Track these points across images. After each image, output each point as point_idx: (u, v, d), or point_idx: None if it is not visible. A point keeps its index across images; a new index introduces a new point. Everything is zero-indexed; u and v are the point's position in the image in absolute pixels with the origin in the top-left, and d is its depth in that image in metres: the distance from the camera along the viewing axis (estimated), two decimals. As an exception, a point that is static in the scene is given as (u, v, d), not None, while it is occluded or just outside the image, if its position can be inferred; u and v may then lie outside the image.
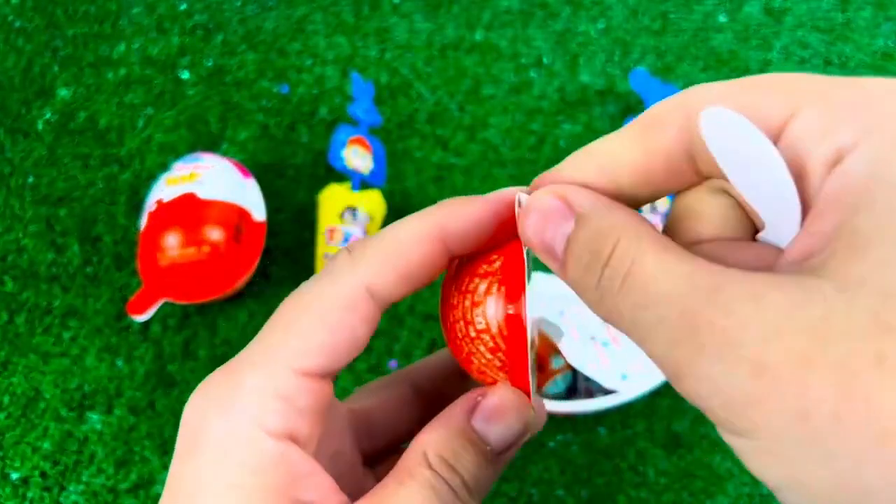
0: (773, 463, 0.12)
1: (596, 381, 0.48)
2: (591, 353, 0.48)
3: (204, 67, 0.65)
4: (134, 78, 0.65)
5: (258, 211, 0.54)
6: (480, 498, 0.19)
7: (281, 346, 0.17)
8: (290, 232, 0.59)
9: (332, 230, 0.55)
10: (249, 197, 0.54)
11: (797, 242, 0.14)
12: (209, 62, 0.66)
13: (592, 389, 0.49)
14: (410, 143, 0.62)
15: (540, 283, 0.45)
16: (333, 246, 0.54)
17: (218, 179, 0.53)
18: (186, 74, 0.65)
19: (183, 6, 0.68)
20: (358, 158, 0.56)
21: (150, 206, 0.53)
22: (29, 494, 0.50)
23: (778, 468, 0.12)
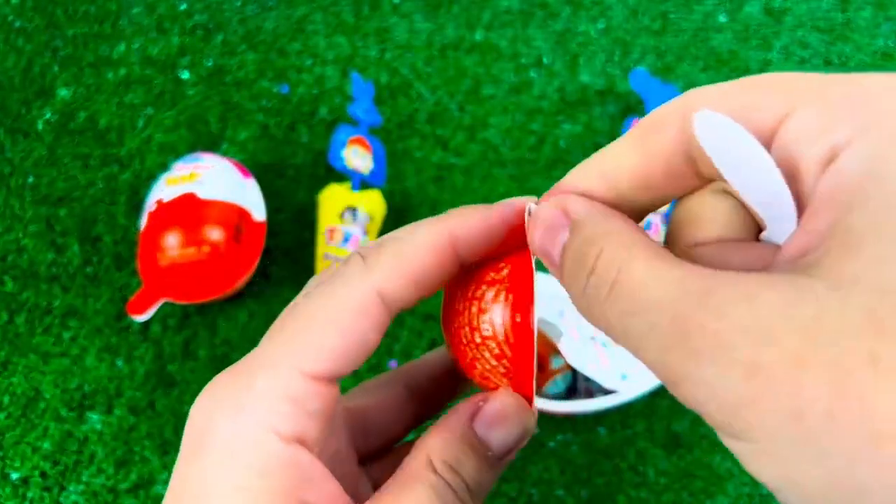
0: (769, 464, 0.12)
1: (596, 381, 0.48)
2: (590, 353, 0.48)
3: (204, 67, 0.65)
4: (134, 78, 0.65)
5: (258, 211, 0.54)
6: (481, 500, 0.19)
7: (292, 349, 0.17)
8: (290, 232, 0.59)
9: (332, 230, 0.55)
10: (249, 197, 0.54)
11: (793, 241, 0.14)
12: (209, 62, 0.66)
13: (592, 389, 0.49)
14: (410, 143, 0.62)
15: (540, 283, 0.45)
16: (333, 246, 0.54)
17: (218, 179, 0.53)
18: (186, 74, 0.65)
19: (183, 6, 0.68)
20: (358, 158, 0.56)
21: (150, 206, 0.53)
22: (29, 494, 0.50)
23: (774, 469, 0.12)
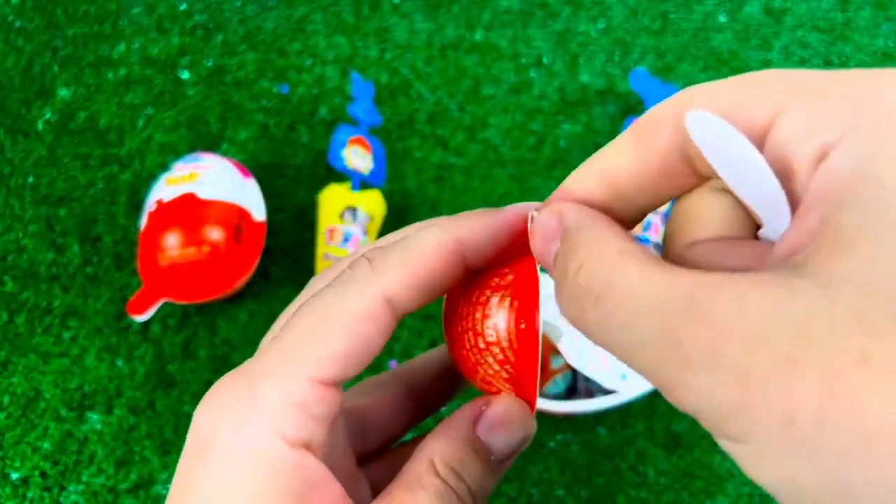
0: (764, 466, 0.12)
1: (596, 381, 0.48)
2: (590, 353, 0.48)
3: (204, 67, 0.65)
4: (134, 78, 0.65)
5: (258, 211, 0.54)
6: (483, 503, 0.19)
7: (298, 353, 0.17)
8: (290, 232, 0.59)
9: (332, 230, 0.55)
10: (249, 197, 0.54)
11: (785, 239, 0.14)
12: (209, 62, 0.66)
13: (592, 389, 0.49)
14: (410, 143, 0.62)
15: (541, 284, 0.45)
16: (333, 246, 0.54)
17: (218, 179, 0.53)
18: (186, 74, 0.65)
19: (183, 6, 0.68)
20: (358, 158, 0.56)
21: (150, 206, 0.53)
22: (29, 494, 0.50)
23: (770, 471, 0.12)
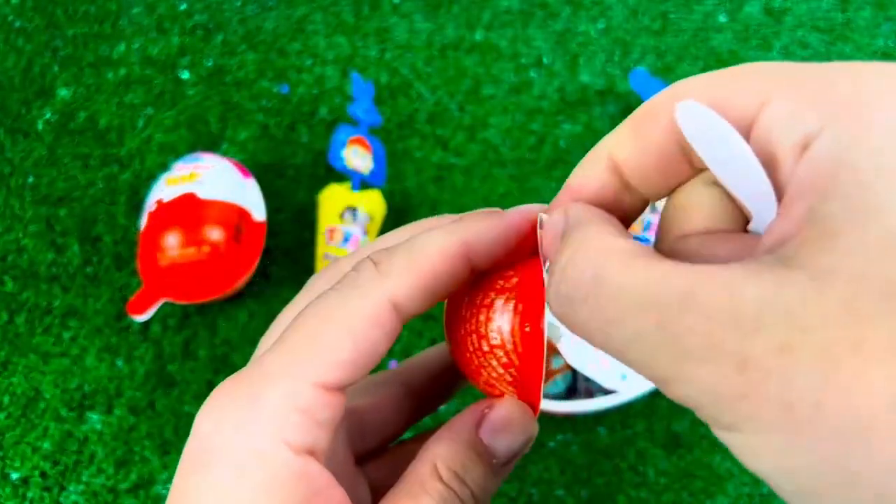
0: (763, 454, 0.12)
1: (596, 381, 0.48)
2: (590, 353, 0.48)
3: (204, 67, 0.65)
4: (134, 78, 0.65)
5: (258, 211, 0.54)
6: None
7: (302, 358, 0.17)
8: (290, 232, 0.59)
9: (332, 230, 0.55)
10: (249, 197, 0.54)
11: (771, 230, 0.14)
12: (209, 62, 0.66)
13: (592, 389, 0.49)
14: (410, 143, 0.62)
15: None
16: (333, 246, 0.54)
17: (218, 179, 0.53)
18: (186, 74, 0.65)
19: (183, 6, 0.68)
20: (358, 158, 0.56)
21: (150, 206, 0.53)
22: (29, 494, 0.50)
23: (769, 459, 0.12)
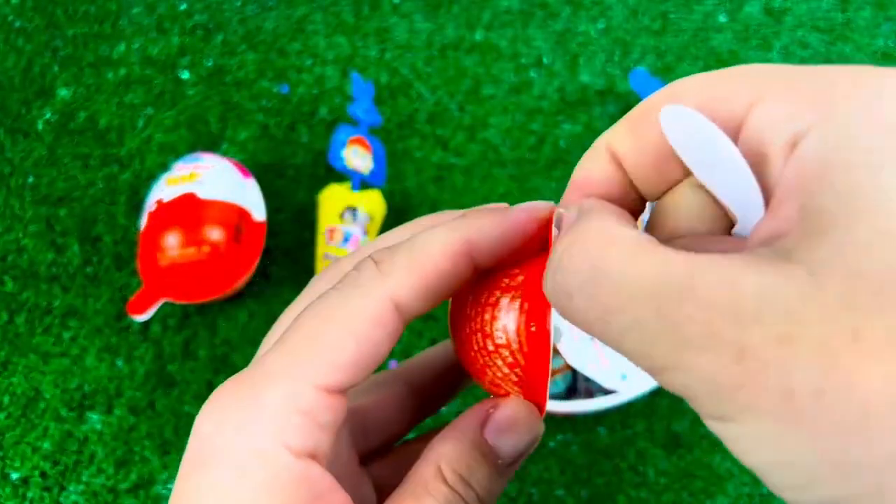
0: (759, 445, 0.12)
1: (596, 381, 0.48)
2: (590, 353, 0.48)
3: (204, 67, 0.65)
4: (134, 78, 0.65)
5: (258, 211, 0.54)
6: None
7: (303, 359, 0.17)
8: (290, 232, 0.59)
9: (332, 230, 0.55)
10: (249, 197, 0.54)
11: (761, 227, 0.14)
12: (209, 62, 0.66)
13: (592, 389, 0.49)
14: (410, 143, 0.62)
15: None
16: (333, 246, 0.54)
17: (218, 179, 0.53)
18: (186, 74, 0.65)
19: (183, 6, 0.68)
20: (358, 158, 0.56)
21: (150, 206, 0.53)
22: (29, 494, 0.50)
23: (764, 450, 0.12)
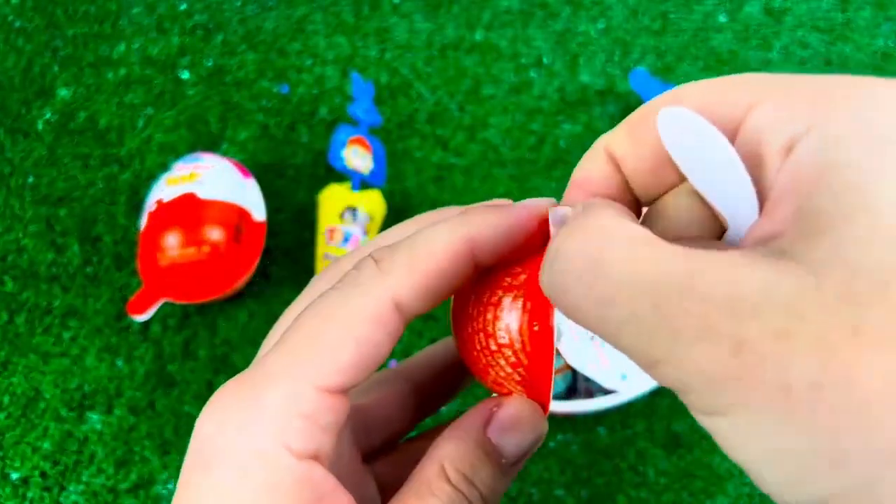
0: (752, 439, 0.12)
1: (596, 381, 0.48)
2: (590, 353, 0.48)
3: (204, 67, 0.65)
4: (134, 78, 0.65)
5: (258, 211, 0.54)
6: None
7: (304, 360, 0.17)
8: (290, 232, 0.59)
9: (332, 230, 0.55)
10: (249, 197, 0.54)
11: (756, 228, 0.14)
12: (209, 62, 0.66)
13: (592, 389, 0.49)
14: (410, 143, 0.62)
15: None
16: (333, 246, 0.54)
17: (218, 179, 0.53)
18: (186, 74, 0.65)
19: (183, 6, 0.68)
20: (358, 158, 0.56)
21: (150, 206, 0.53)
22: (29, 494, 0.50)
23: (756, 444, 0.12)
